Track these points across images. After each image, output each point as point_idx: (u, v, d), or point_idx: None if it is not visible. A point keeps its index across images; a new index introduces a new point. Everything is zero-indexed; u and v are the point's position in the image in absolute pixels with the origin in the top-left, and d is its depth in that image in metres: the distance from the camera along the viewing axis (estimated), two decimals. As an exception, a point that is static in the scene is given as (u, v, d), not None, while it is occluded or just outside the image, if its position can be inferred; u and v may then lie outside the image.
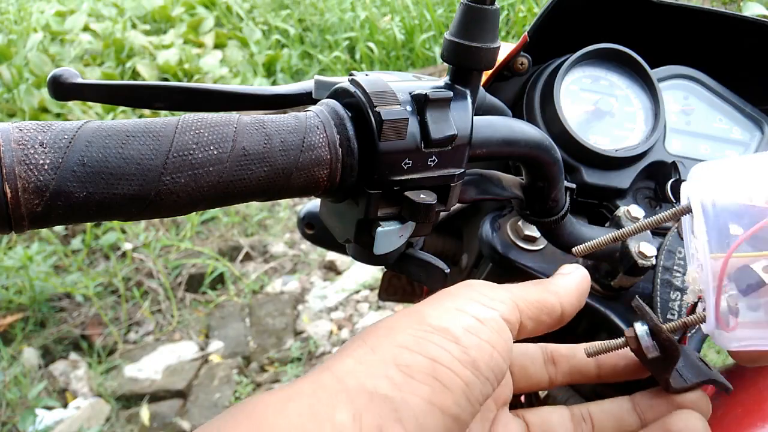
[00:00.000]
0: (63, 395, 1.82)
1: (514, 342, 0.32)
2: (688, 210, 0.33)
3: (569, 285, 0.35)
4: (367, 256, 0.40)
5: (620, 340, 0.36)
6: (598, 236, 0.40)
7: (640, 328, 0.36)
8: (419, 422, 0.27)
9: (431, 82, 0.39)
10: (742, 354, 0.33)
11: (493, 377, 0.29)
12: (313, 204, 0.66)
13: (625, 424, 0.37)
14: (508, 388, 0.38)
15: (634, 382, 0.40)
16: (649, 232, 0.49)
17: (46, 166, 0.27)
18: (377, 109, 0.34)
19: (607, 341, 0.37)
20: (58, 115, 2.85)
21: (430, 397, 0.27)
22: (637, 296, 0.37)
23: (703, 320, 0.32)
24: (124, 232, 2.35)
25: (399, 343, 0.29)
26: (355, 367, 0.28)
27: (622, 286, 0.49)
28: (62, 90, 0.37)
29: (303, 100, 0.43)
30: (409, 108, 0.35)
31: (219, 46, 3.54)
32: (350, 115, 0.35)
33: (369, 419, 0.26)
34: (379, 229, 0.37)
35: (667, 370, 0.36)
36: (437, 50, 3.15)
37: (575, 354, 0.39)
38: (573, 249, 0.38)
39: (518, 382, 0.39)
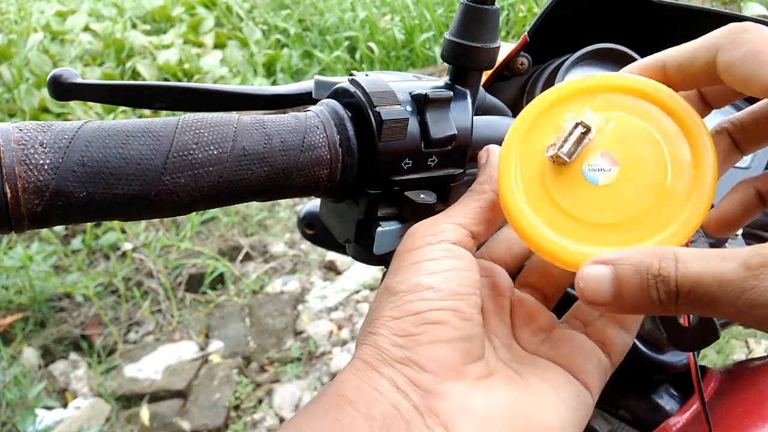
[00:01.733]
0: (63, 395, 1.82)
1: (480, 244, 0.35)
2: None
3: (491, 172, 0.36)
4: (367, 256, 0.40)
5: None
6: None
7: None
8: (438, 362, 0.30)
9: (431, 82, 0.39)
10: None
11: (471, 289, 0.32)
12: (313, 204, 0.66)
13: None
14: (504, 278, 0.38)
15: (637, 380, 0.40)
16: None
17: (46, 166, 0.27)
18: (377, 109, 0.34)
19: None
20: (58, 115, 2.85)
21: (433, 338, 0.31)
22: None
23: None
24: (124, 232, 2.35)
25: (387, 319, 0.32)
26: (368, 350, 0.32)
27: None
28: (62, 90, 0.37)
29: (303, 100, 0.43)
30: (409, 108, 0.35)
31: (219, 46, 3.54)
32: (350, 115, 0.35)
33: (400, 380, 0.30)
34: (379, 229, 0.37)
35: None
36: (437, 50, 3.15)
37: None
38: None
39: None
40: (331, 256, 2.25)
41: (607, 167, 0.31)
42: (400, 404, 0.30)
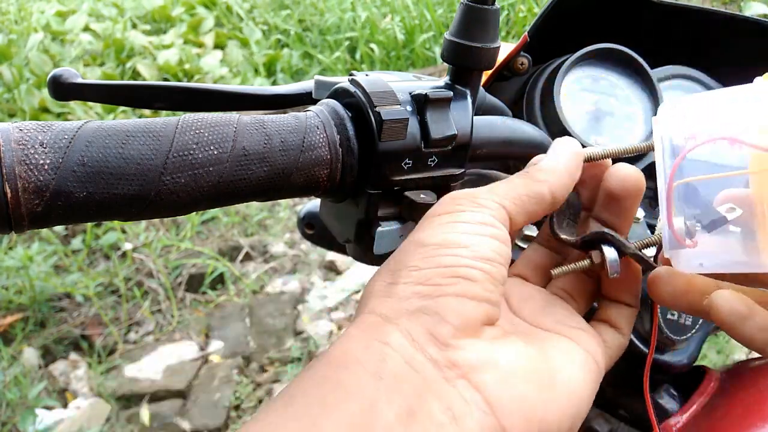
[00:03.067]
0: (63, 395, 1.82)
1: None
2: (651, 147, 0.35)
3: (555, 167, 0.35)
4: (367, 256, 0.40)
5: (586, 261, 0.37)
6: None
7: (608, 250, 0.35)
8: (461, 315, 0.29)
9: (431, 82, 0.39)
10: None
11: (503, 260, 0.32)
12: (313, 204, 0.66)
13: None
14: None
15: (637, 380, 0.40)
16: (649, 232, 0.49)
17: (46, 166, 0.27)
18: (377, 109, 0.34)
19: (574, 264, 0.37)
20: (58, 115, 2.85)
21: (460, 291, 0.30)
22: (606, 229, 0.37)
23: (660, 241, 0.34)
24: (124, 232, 2.35)
25: (413, 269, 0.31)
26: (383, 301, 0.30)
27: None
28: (62, 90, 0.37)
29: (303, 100, 0.43)
30: (409, 108, 0.35)
31: (219, 46, 3.54)
32: (350, 115, 0.35)
33: (417, 331, 0.29)
34: (379, 229, 0.37)
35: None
36: (437, 50, 3.15)
37: None
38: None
39: None
40: (331, 256, 2.25)
41: None
42: (414, 359, 0.28)
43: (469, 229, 0.32)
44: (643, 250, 0.36)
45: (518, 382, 0.29)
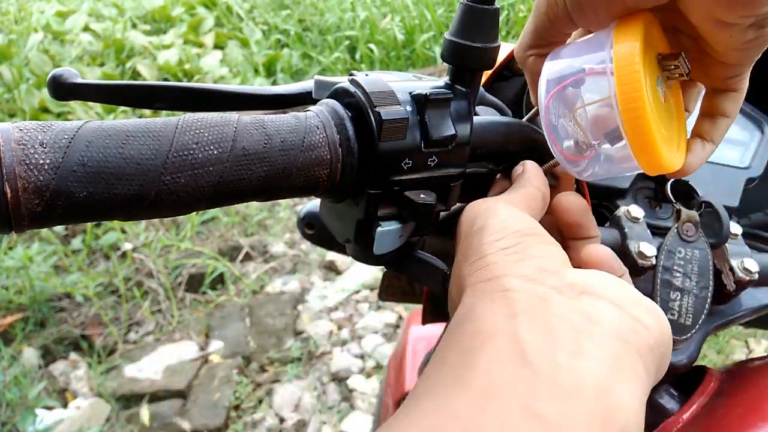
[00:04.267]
0: (63, 395, 1.82)
1: None
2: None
3: (532, 175, 0.39)
4: (367, 256, 0.40)
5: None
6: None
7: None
8: (556, 254, 0.32)
9: (431, 82, 0.39)
10: None
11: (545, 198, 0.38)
12: (313, 204, 0.66)
13: None
14: None
15: None
16: (649, 232, 0.49)
17: (46, 166, 0.27)
18: (377, 109, 0.34)
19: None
20: (58, 115, 2.85)
21: (539, 241, 0.33)
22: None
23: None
24: (124, 232, 2.35)
25: (487, 245, 0.33)
26: (482, 272, 0.32)
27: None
28: (62, 90, 0.37)
29: (303, 100, 0.43)
30: (409, 108, 0.35)
31: (219, 46, 3.54)
32: (350, 115, 0.35)
33: (529, 271, 0.31)
34: (379, 229, 0.37)
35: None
36: (437, 50, 3.15)
37: None
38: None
39: None
40: (331, 256, 2.25)
41: (662, 88, 0.37)
42: (536, 291, 0.29)
43: (508, 213, 0.35)
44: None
45: (627, 296, 0.30)
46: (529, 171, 0.40)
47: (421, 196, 0.36)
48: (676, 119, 0.39)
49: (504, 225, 0.33)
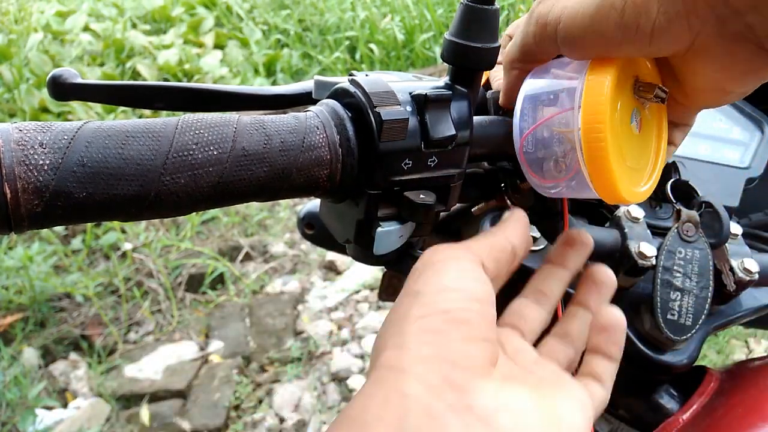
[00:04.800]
0: (63, 395, 1.82)
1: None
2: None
3: (510, 225, 0.39)
4: (367, 256, 0.40)
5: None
6: (597, 236, 0.40)
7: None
8: (471, 358, 0.30)
9: (431, 82, 0.39)
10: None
11: (491, 301, 0.34)
12: (313, 204, 0.66)
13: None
14: None
15: (636, 380, 0.40)
16: (649, 232, 0.49)
17: (45, 167, 0.27)
18: (377, 109, 0.34)
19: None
20: (58, 115, 2.85)
21: (463, 336, 0.31)
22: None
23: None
24: (124, 232, 2.35)
25: (414, 319, 0.32)
26: (395, 353, 0.31)
27: (622, 286, 0.49)
28: (62, 90, 0.37)
29: (303, 100, 0.43)
30: (409, 108, 0.35)
31: (219, 46, 3.54)
32: (350, 115, 0.35)
33: (433, 378, 0.29)
34: (379, 229, 0.37)
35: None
36: (437, 50, 3.15)
37: None
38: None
39: None
40: (331, 256, 2.25)
41: (636, 119, 0.38)
42: (432, 408, 0.28)
43: (457, 275, 0.33)
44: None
45: (532, 425, 0.29)
46: (510, 219, 0.39)
47: (421, 196, 0.36)
48: (653, 149, 0.39)
49: (438, 297, 0.32)
